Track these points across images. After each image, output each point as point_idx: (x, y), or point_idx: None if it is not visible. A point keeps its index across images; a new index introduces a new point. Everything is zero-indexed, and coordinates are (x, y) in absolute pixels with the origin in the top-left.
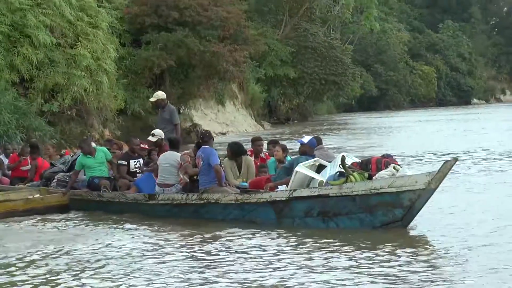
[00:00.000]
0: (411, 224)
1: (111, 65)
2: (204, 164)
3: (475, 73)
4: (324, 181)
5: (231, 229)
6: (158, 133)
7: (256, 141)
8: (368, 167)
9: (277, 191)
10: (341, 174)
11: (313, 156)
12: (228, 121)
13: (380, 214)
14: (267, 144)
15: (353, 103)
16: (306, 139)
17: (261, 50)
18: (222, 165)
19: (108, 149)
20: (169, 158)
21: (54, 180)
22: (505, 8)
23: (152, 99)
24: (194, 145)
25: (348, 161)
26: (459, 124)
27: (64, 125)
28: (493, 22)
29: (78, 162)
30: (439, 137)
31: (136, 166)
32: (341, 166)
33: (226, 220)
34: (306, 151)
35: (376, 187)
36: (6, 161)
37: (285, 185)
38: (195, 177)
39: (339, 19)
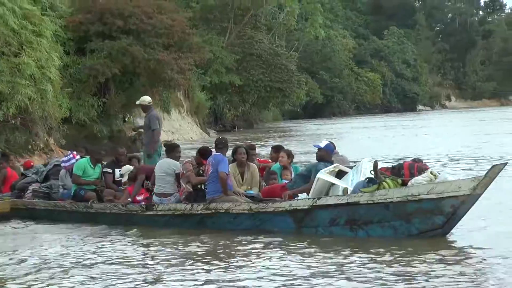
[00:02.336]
0: (451, 231)
1: (56, 74)
2: (213, 172)
3: (420, 79)
4: (349, 188)
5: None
6: (125, 169)
7: (250, 149)
8: (401, 172)
9: (297, 199)
10: (370, 181)
11: (331, 162)
12: (173, 129)
13: (417, 222)
14: (271, 149)
15: (298, 110)
16: (323, 143)
17: (206, 57)
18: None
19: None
20: (164, 166)
21: (29, 191)
22: (450, 15)
23: (137, 102)
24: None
25: (366, 166)
26: (404, 130)
27: (9, 134)
28: (438, 28)
29: (82, 166)
30: (380, 143)
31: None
32: (372, 172)
33: (235, 231)
34: (324, 157)
35: (414, 193)
36: None
37: (304, 193)
38: (199, 186)
39: (284, 26)
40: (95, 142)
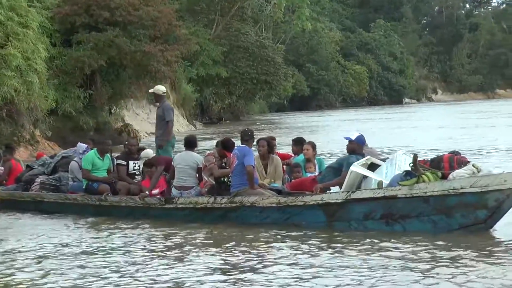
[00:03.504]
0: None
1: (42, 65)
2: (238, 164)
3: (406, 72)
4: (384, 181)
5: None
6: (146, 154)
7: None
8: (441, 165)
9: (330, 192)
10: (408, 174)
11: (363, 155)
12: None
13: (458, 216)
14: (292, 141)
15: (285, 102)
16: (353, 135)
17: (193, 49)
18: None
19: None
20: (187, 159)
21: (36, 184)
22: (436, 8)
23: (150, 90)
24: (215, 145)
25: (401, 159)
26: (391, 122)
27: None
28: (425, 21)
29: (90, 159)
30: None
31: (135, 168)
32: (411, 165)
33: (262, 224)
34: (355, 149)
35: (456, 187)
36: None
37: (336, 187)
38: (222, 178)
39: (271, 19)
40: (81, 134)
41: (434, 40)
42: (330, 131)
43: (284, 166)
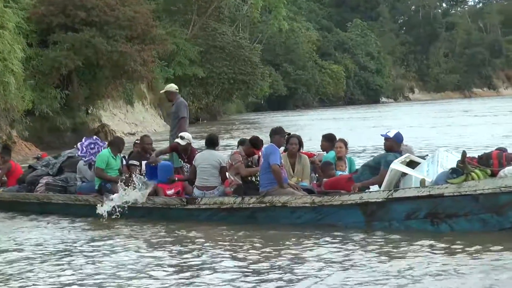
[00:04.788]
0: None
1: (18, 66)
2: (264, 163)
3: (383, 71)
4: (427, 179)
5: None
6: (188, 136)
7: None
8: (489, 162)
9: (369, 191)
10: (454, 171)
11: (400, 153)
12: (137, 121)
13: (510, 215)
14: (322, 137)
15: (262, 102)
16: (391, 133)
17: (170, 49)
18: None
19: None
20: (209, 158)
21: (40, 185)
22: (413, 7)
23: (161, 91)
24: (238, 143)
25: (443, 156)
26: (365, 121)
27: None
28: (401, 21)
29: (105, 158)
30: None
31: None
32: (459, 162)
33: (293, 225)
34: (393, 147)
35: (508, 184)
36: None
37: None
38: (249, 178)
39: (248, 19)
40: (58, 134)
41: (411, 40)
42: (309, 130)
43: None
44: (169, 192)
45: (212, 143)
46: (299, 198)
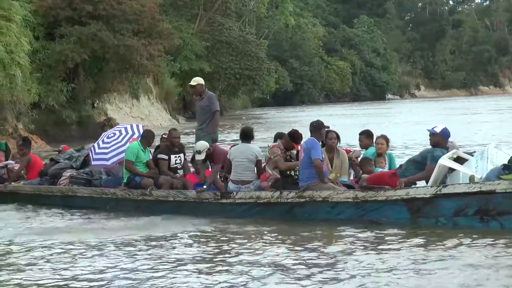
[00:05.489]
0: None
1: (25, 59)
2: (305, 157)
3: (389, 68)
4: (476, 176)
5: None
6: (202, 147)
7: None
8: None
9: (415, 187)
10: (507, 168)
11: (447, 148)
12: (142, 115)
13: None
14: (359, 134)
15: (268, 98)
16: (438, 128)
17: (176, 44)
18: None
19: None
20: (245, 152)
21: (64, 178)
22: (420, 4)
23: (192, 83)
24: (274, 137)
25: (493, 152)
26: (371, 118)
27: None
28: (408, 17)
29: (135, 150)
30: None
31: (177, 161)
32: None
33: (333, 220)
34: (440, 142)
35: None
36: None
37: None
38: (288, 172)
39: (254, 14)
40: (64, 127)
41: (418, 37)
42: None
43: None
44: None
45: (247, 136)
46: (341, 193)
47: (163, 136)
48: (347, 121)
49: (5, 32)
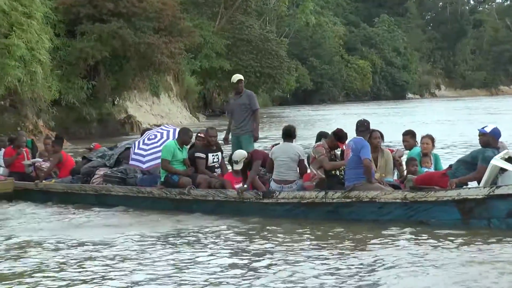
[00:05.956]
0: None
1: (46, 56)
2: (353, 157)
3: (410, 67)
4: None
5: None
6: (240, 156)
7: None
8: None
9: (467, 188)
10: None
11: (498, 149)
12: (163, 113)
13: None
14: (403, 135)
15: (288, 96)
16: (488, 128)
17: (197, 42)
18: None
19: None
20: (287, 151)
21: (97, 176)
22: (441, 3)
23: (236, 79)
24: (316, 136)
25: None
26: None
27: None
28: (429, 17)
29: (171, 149)
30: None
31: (215, 160)
32: None
33: (379, 221)
34: (490, 142)
35: None
36: (0, 154)
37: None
38: (333, 171)
39: (275, 12)
40: (84, 124)
41: (438, 36)
42: (339, 125)
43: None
44: (237, 186)
45: (289, 135)
46: (389, 193)
47: (199, 134)
48: (372, 120)
49: (26, 29)
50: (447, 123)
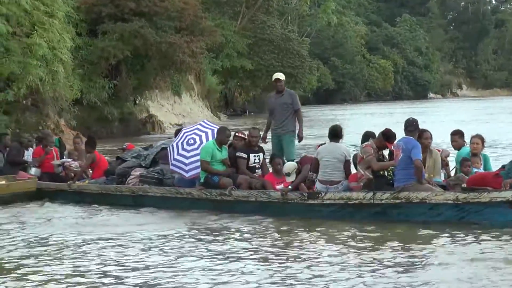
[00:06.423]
0: None
1: (67, 55)
2: (404, 157)
3: (431, 67)
4: None
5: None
6: (291, 168)
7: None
8: None
9: None
10: None
11: None
12: (184, 112)
13: None
14: (452, 134)
15: (309, 95)
16: None
17: (218, 41)
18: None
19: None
20: (334, 151)
21: (132, 177)
22: (462, 3)
23: (279, 77)
24: (362, 136)
25: None
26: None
27: (19, 115)
28: (451, 16)
29: (209, 150)
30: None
31: (256, 161)
32: None
33: (429, 222)
34: None
35: None
36: (29, 154)
37: None
38: (381, 172)
39: (297, 12)
40: (105, 124)
41: (460, 36)
42: (359, 124)
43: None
44: (278, 187)
45: (336, 135)
46: (440, 194)
47: (236, 134)
48: (394, 119)
49: (48, 28)
50: (479, 123)
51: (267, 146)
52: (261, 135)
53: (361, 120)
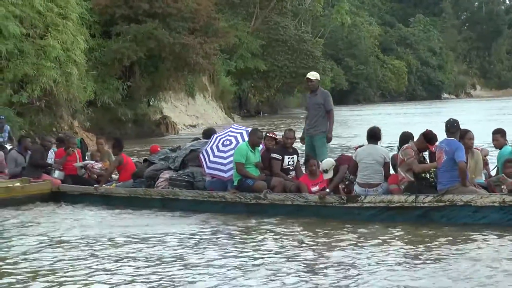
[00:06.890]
0: None
1: (81, 56)
2: (447, 159)
3: (445, 67)
4: None
5: None
6: (328, 164)
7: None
8: None
9: None
10: None
11: None
12: (198, 113)
13: None
14: (493, 133)
15: None
16: None
17: (232, 42)
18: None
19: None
20: (373, 153)
21: (161, 179)
22: (476, 3)
23: (311, 77)
24: (399, 137)
25: None
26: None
27: (33, 116)
28: (464, 17)
29: (244, 152)
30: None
31: (290, 163)
32: None
33: (473, 225)
34: None
35: None
36: (52, 156)
37: None
38: (423, 174)
39: (310, 13)
40: (119, 125)
41: (474, 36)
42: (390, 125)
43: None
44: (313, 189)
45: (375, 136)
46: (486, 197)
47: (267, 134)
48: (415, 119)
49: (62, 30)
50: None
51: (300, 147)
52: (300, 136)
53: (385, 120)
